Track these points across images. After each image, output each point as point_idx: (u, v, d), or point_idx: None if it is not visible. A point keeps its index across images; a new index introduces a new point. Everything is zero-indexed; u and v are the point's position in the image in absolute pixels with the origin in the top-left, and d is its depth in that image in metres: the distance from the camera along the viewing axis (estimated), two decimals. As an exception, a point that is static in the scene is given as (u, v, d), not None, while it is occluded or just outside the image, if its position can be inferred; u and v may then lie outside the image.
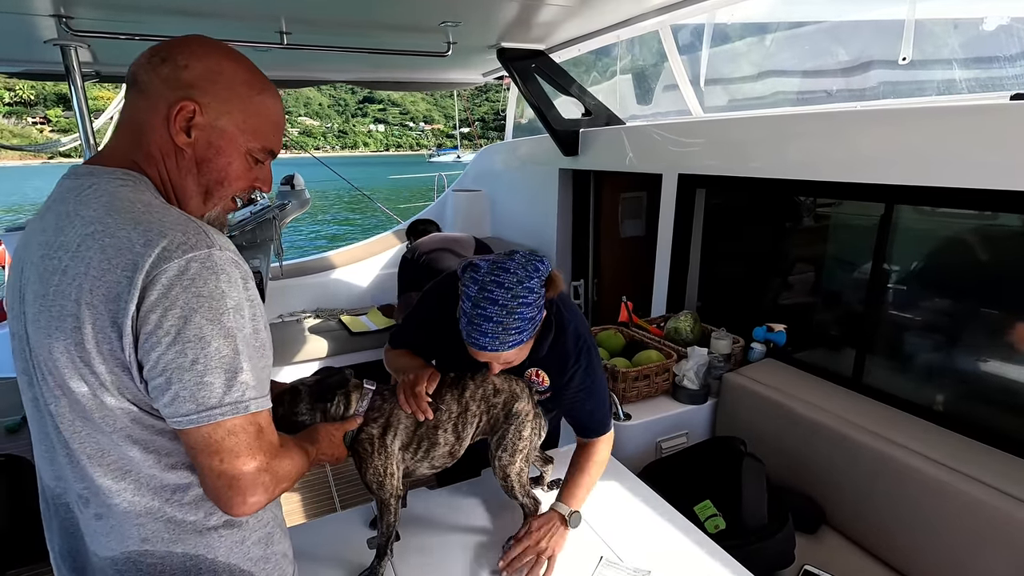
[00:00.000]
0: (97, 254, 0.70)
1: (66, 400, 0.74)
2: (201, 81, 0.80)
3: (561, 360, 1.28)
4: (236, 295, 0.73)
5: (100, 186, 0.77)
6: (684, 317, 2.34)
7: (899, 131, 1.69)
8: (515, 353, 1.15)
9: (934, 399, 1.78)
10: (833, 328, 2.24)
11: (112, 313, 0.69)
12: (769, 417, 1.87)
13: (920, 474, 1.47)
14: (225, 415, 0.72)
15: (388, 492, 1.14)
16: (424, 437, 1.16)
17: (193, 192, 0.85)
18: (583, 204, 3.59)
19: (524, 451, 1.22)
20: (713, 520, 1.50)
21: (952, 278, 1.82)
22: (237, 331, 0.72)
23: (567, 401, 1.34)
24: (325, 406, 1.11)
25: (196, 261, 0.70)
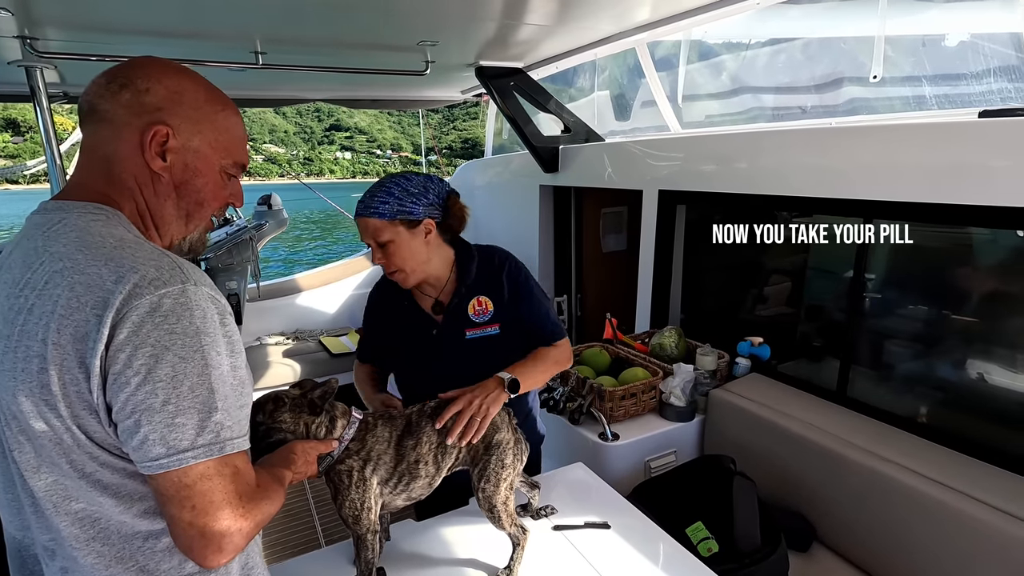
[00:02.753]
0: (65, 291, 0.66)
1: (30, 445, 0.70)
2: (167, 103, 0.78)
3: (494, 280, 1.43)
4: (212, 331, 0.70)
5: (70, 221, 0.73)
6: (668, 333, 2.33)
7: (874, 147, 1.72)
8: (380, 227, 1.28)
9: (919, 412, 1.80)
10: (816, 341, 2.25)
11: (80, 353, 0.65)
12: (757, 433, 1.86)
13: (909, 489, 1.47)
14: (198, 458, 0.67)
15: (364, 527, 1.10)
16: (406, 472, 1.13)
17: (173, 217, 0.83)
18: (564, 220, 3.59)
19: (508, 479, 1.19)
20: (706, 543, 1.48)
21: (930, 289, 1.84)
22: (212, 368, 0.69)
23: (515, 323, 1.43)
24: (309, 420, 1.06)
25: (169, 297, 0.67)
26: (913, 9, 2.03)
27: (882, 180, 1.68)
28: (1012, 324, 1.63)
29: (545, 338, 1.44)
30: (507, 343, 1.44)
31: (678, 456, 2.01)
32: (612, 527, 1.37)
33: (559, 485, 1.54)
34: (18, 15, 1.78)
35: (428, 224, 1.33)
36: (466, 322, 1.42)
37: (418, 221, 1.31)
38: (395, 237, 1.30)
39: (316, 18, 1.97)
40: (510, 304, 1.43)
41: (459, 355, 1.42)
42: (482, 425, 1.17)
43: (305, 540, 2.60)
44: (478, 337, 1.43)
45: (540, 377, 1.38)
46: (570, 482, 1.57)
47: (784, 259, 2.50)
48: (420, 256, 1.34)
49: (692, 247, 2.57)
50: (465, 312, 1.42)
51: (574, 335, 3.74)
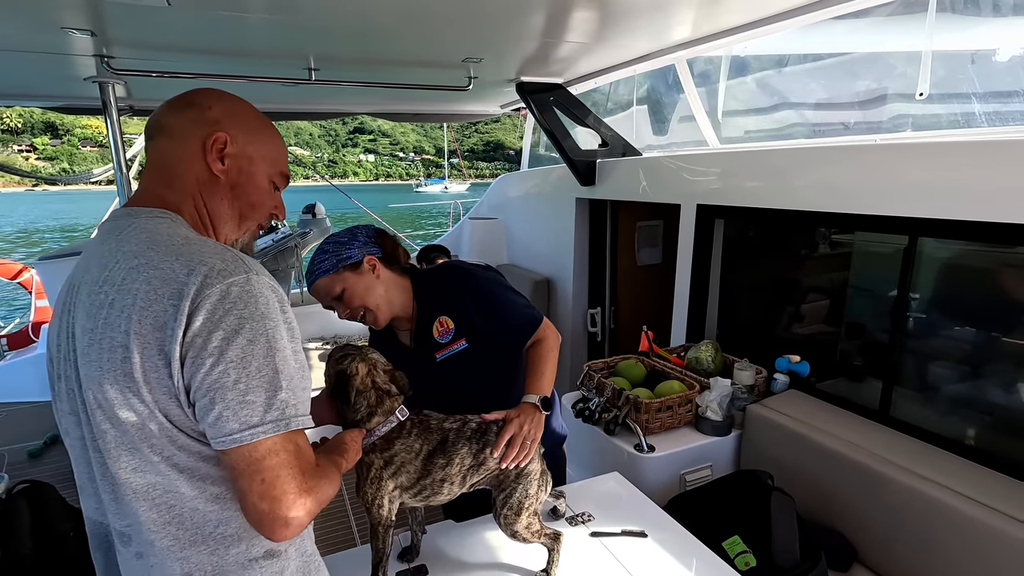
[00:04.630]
0: (143, 285, 0.73)
1: (114, 433, 0.75)
2: (226, 117, 0.89)
3: (450, 297, 1.45)
4: (274, 316, 0.76)
5: (138, 224, 0.81)
6: (705, 347, 2.33)
7: (923, 164, 1.70)
8: (330, 282, 1.36)
9: (966, 433, 1.75)
10: (858, 359, 2.22)
11: (159, 341, 0.72)
12: (795, 450, 1.84)
13: (954, 512, 1.44)
14: (267, 433, 0.73)
15: (375, 519, 1.14)
16: (429, 486, 1.16)
17: (228, 217, 0.92)
18: (600, 233, 3.61)
19: (530, 508, 1.21)
20: (743, 557, 1.48)
21: (979, 307, 1.80)
22: (276, 351, 0.75)
23: (485, 335, 1.43)
24: (364, 402, 1.13)
25: (236, 285, 0.74)
26: (962, 25, 2.01)
27: (930, 198, 1.66)
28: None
29: (526, 330, 1.44)
30: (479, 354, 1.45)
31: (714, 470, 2.00)
32: (649, 536, 1.38)
33: (595, 494, 1.56)
34: (99, 36, 1.93)
35: (370, 260, 1.40)
36: (433, 345, 1.46)
37: (359, 262, 1.38)
38: (344, 284, 1.37)
39: (370, 38, 2.07)
40: (477, 320, 1.44)
41: (434, 377, 1.44)
42: (531, 448, 1.20)
43: (341, 538, 2.67)
44: (447, 357, 1.46)
45: (551, 375, 1.40)
46: (606, 491, 1.59)
47: (824, 276, 2.47)
48: (376, 292, 1.40)
49: (730, 262, 2.57)
50: (431, 335, 1.46)
51: (607, 347, 3.75)
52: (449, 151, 18.59)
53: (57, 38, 1.93)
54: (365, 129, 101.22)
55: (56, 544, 2.33)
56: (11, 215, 39.53)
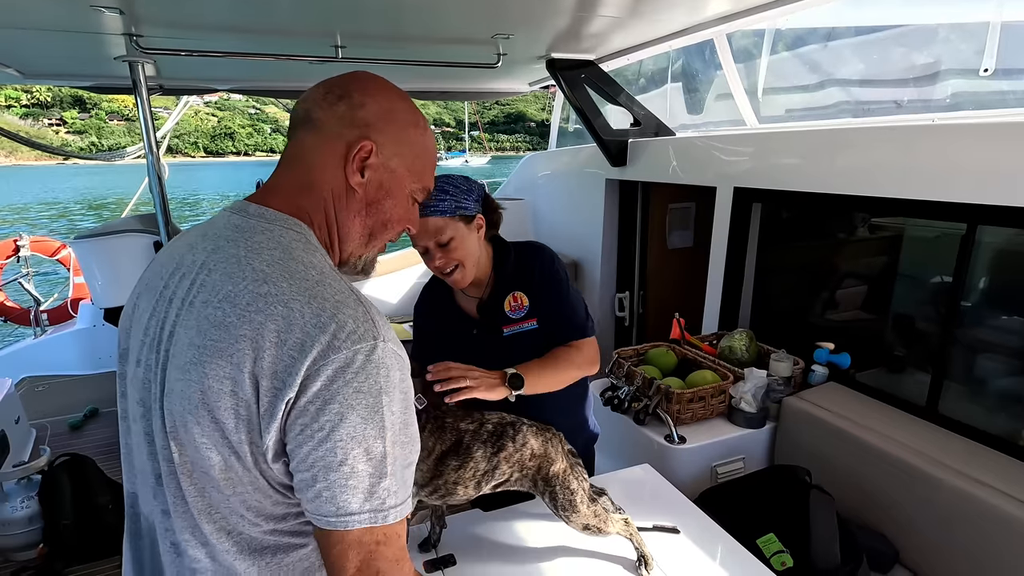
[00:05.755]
0: (269, 322, 0.66)
1: (191, 452, 0.70)
2: (377, 120, 0.79)
3: (529, 275, 1.42)
4: (392, 390, 0.70)
5: (274, 235, 0.74)
6: (739, 336, 2.26)
7: (984, 146, 1.59)
8: (443, 224, 1.29)
9: (1019, 432, 1.66)
10: (904, 351, 2.12)
11: (269, 391, 0.66)
12: (834, 446, 1.77)
13: (1006, 515, 1.37)
14: (362, 523, 0.68)
15: None
16: (441, 487, 1.12)
17: (357, 234, 0.83)
18: (630, 215, 3.52)
19: (583, 498, 1.18)
20: (779, 556, 1.43)
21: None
22: (388, 430, 0.69)
23: (547, 317, 1.41)
24: None
25: (361, 354, 0.67)
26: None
27: (992, 183, 1.55)
28: None
29: (564, 335, 1.40)
30: (548, 338, 1.41)
31: (746, 464, 1.94)
32: (681, 532, 1.35)
33: (625, 485, 1.52)
34: (127, 14, 1.91)
35: (480, 219, 1.36)
36: (503, 319, 1.42)
37: (472, 216, 1.34)
38: (456, 234, 1.31)
39: (397, 13, 2.01)
40: (548, 304, 1.41)
41: (498, 353, 1.37)
42: (461, 391, 1.15)
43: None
44: (515, 333, 1.42)
45: (551, 377, 1.32)
46: (636, 482, 1.55)
47: (867, 262, 2.36)
48: (475, 251, 1.37)
49: (766, 247, 2.47)
50: (501, 309, 1.42)
51: (634, 332, 3.68)
52: (470, 123, 18.30)
53: (86, 16, 1.91)
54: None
55: (96, 515, 2.42)
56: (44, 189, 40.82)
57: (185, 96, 4.17)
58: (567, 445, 1.26)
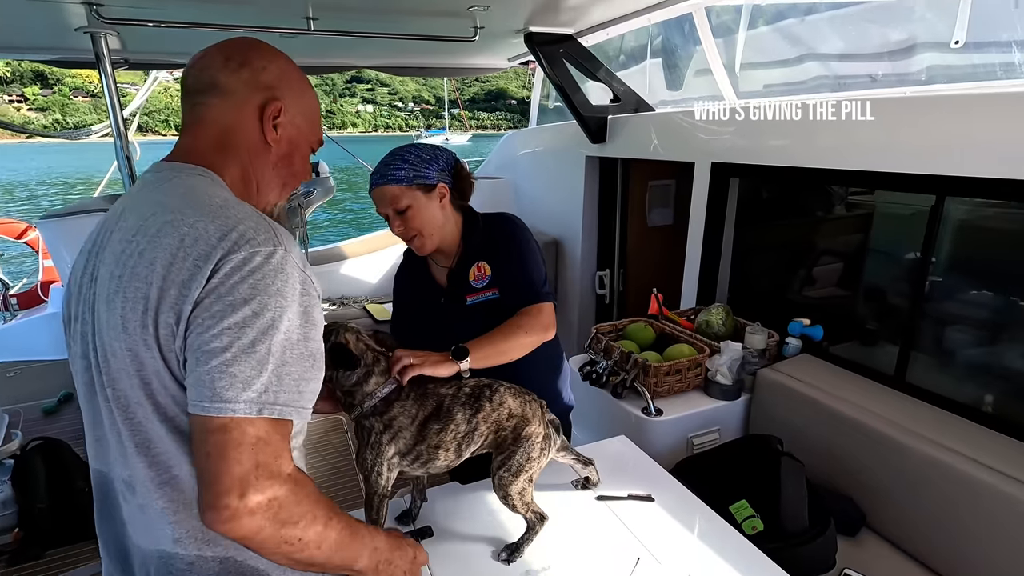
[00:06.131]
0: (175, 241, 0.71)
1: (125, 383, 0.74)
2: (279, 82, 0.88)
3: (495, 245, 1.42)
4: (290, 296, 0.72)
5: (180, 179, 0.81)
6: (716, 310, 2.28)
7: (952, 118, 1.60)
8: (400, 193, 1.32)
9: (984, 400, 1.71)
10: (874, 324, 2.16)
11: (178, 299, 0.70)
12: (806, 415, 1.81)
13: (969, 479, 1.41)
14: (235, 412, 0.68)
15: (372, 487, 1.12)
16: (423, 453, 1.14)
17: (276, 184, 0.92)
18: (610, 192, 3.52)
19: (529, 471, 1.18)
20: (750, 521, 1.47)
21: (1006, 272, 1.73)
22: (278, 332, 0.71)
23: (506, 286, 1.41)
24: (339, 371, 1.10)
25: (260, 256, 0.72)
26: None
27: (960, 154, 1.57)
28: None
29: (519, 303, 1.38)
30: (509, 307, 1.40)
31: (722, 435, 1.98)
32: (656, 500, 1.37)
33: (601, 457, 1.53)
34: (85, -19, 1.83)
35: (442, 189, 1.38)
36: (467, 288, 1.44)
37: (433, 185, 1.36)
38: (413, 202, 1.34)
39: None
40: (507, 271, 1.41)
41: (462, 322, 1.40)
42: (407, 371, 1.14)
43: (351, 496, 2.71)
44: (478, 302, 1.43)
45: (502, 345, 1.29)
46: (612, 454, 1.57)
47: (841, 238, 2.40)
48: (436, 220, 1.39)
49: (744, 223, 2.49)
50: (466, 278, 1.44)
51: (615, 310, 3.71)
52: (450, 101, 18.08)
53: (42, -17, 1.83)
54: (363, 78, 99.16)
55: (71, 499, 2.39)
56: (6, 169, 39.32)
57: (154, 72, 4.04)
58: (550, 415, 1.27)
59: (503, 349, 1.29)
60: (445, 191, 1.39)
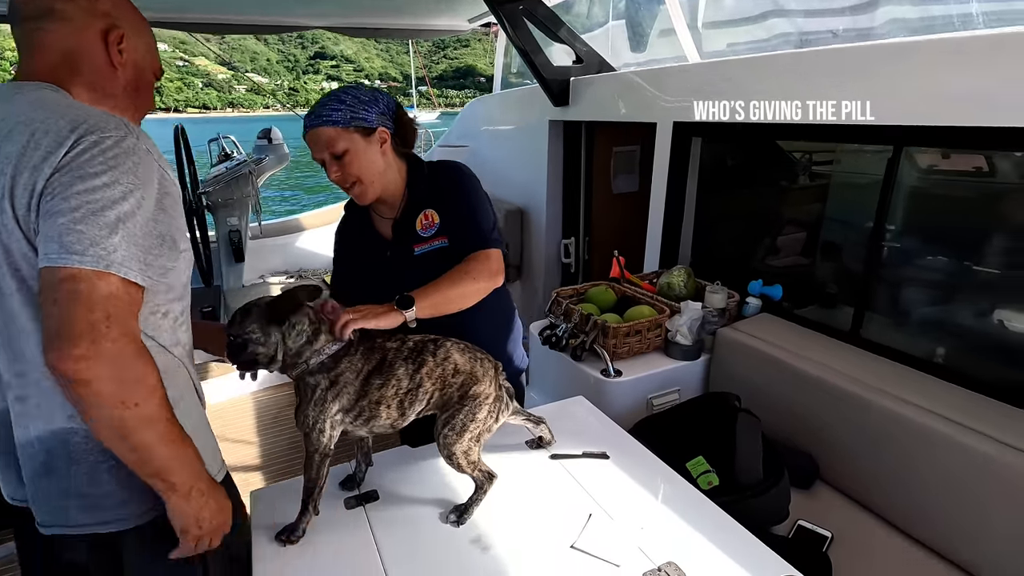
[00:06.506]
0: (26, 135, 0.75)
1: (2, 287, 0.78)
2: (116, 10, 0.91)
3: (440, 191, 1.35)
4: (145, 179, 0.78)
5: (26, 93, 0.82)
6: (677, 272, 2.25)
7: (908, 67, 1.58)
8: (336, 135, 1.22)
9: (935, 352, 1.73)
10: (831, 282, 2.17)
11: (29, 179, 0.73)
12: (765, 372, 1.81)
13: (921, 427, 1.42)
14: (84, 264, 0.71)
15: (313, 446, 1.06)
16: (365, 409, 1.08)
17: (126, 110, 0.94)
18: (574, 159, 3.45)
19: (475, 431, 1.12)
20: (706, 476, 1.45)
21: (954, 232, 1.74)
22: (129, 204, 0.75)
23: (455, 233, 1.33)
24: (279, 330, 1.03)
25: (111, 139, 0.76)
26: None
27: (917, 103, 1.55)
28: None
29: (467, 249, 1.30)
30: (460, 255, 1.32)
31: (681, 395, 1.97)
32: (611, 458, 1.34)
33: (558, 418, 1.50)
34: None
35: (383, 133, 1.29)
36: (414, 238, 1.36)
37: (372, 129, 1.27)
38: (351, 146, 1.25)
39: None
40: (451, 212, 1.34)
41: (411, 274, 1.29)
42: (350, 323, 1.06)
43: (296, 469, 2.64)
44: (425, 252, 1.35)
45: (448, 292, 1.21)
46: (569, 415, 1.53)
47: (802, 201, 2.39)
48: (377, 167, 1.30)
49: (706, 185, 2.45)
50: (413, 228, 1.36)
51: (580, 278, 3.67)
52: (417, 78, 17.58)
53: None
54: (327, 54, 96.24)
55: None
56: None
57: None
58: (503, 378, 1.21)
59: (450, 296, 1.21)
60: (386, 136, 1.30)
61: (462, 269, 1.25)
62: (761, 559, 1.03)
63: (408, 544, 1.09)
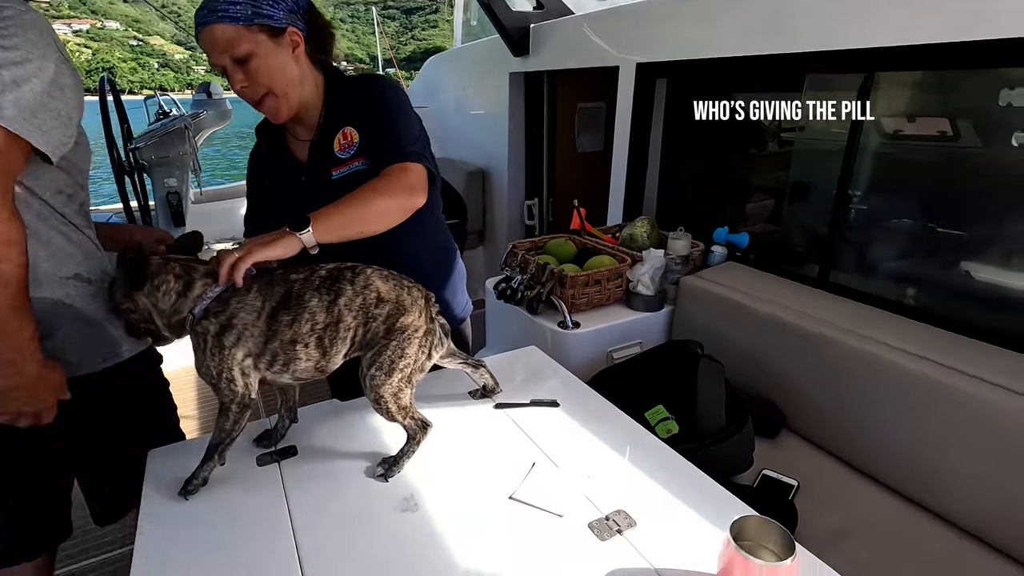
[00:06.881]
0: None
1: None
2: None
3: (361, 106, 1.18)
4: (44, 51, 0.80)
5: None
6: (640, 223, 2.14)
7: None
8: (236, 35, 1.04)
9: (905, 293, 1.65)
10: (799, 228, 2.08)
11: None
12: (730, 320, 1.71)
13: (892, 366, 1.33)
14: None
15: (227, 396, 0.93)
16: (279, 351, 0.93)
17: None
18: (536, 115, 3.29)
19: (405, 370, 0.98)
20: (665, 424, 1.34)
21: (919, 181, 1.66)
22: (25, 69, 0.77)
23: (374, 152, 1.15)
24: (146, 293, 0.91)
25: (10, 9, 0.78)
26: None
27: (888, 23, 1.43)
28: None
29: (388, 155, 1.11)
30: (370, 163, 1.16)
31: (643, 348, 1.86)
32: (561, 406, 1.22)
33: (508, 368, 1.37)
34: None
35: (294, 34, 1.11)
36: (332, 160, 1.18)
37: (281, 29, 1.08)
38: (256, 49, 1.06)
39: None
40: (372, 129, 1.16)
41: (328, 199, 1.07)
42: (236, 265, 0.90)
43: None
44: (344, 175, 1.18)
45: (356, 212, 1.02)
46: (521, 365, 1.41)
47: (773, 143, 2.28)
48: (290, 75, 1.11)
49: (671, 132, 2.33)
50: (331, 148, 1.19)
51: (546, 242, 3.54)
52: (384, 60, 16.96)
53: None
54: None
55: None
56: None
57: None
58: (436, 312, 1.06)
59: (357, 216, 1.03)
60: (298, 38, 1.11)
61: (371, 185, 1.06)
62: (722, 504, 0.93)
63: (325, 500, 0.95)
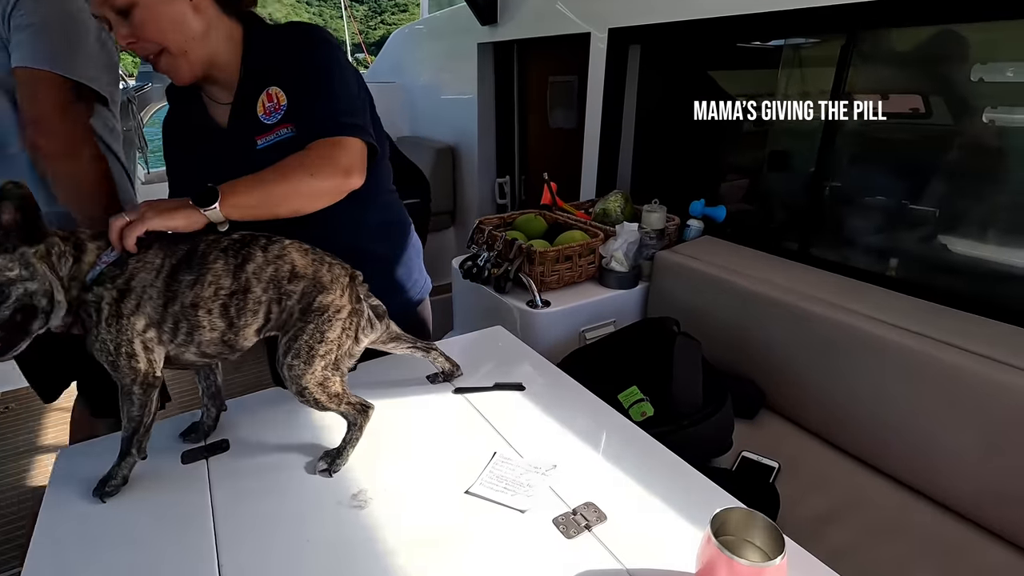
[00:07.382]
0: None
1: None
2: None
3: (287, 63, 1.00)
4: None
5: None
6: (614, 197, 2.04)
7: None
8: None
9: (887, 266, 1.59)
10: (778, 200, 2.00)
11: None
12: (708, 295, 1.63)
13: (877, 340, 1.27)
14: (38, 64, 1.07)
15: (126, 376, 0.79)
16: (181, 316, 0.80)
17: None
18: (507, 88, 3.15)
19: (328, 356, 0.86)
20: (639, 406, 1.26)
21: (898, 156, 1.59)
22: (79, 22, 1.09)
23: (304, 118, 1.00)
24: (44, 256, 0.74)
25: None
26: None
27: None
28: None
29: (318, 128, 0.96)
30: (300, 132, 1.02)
31: (617, 327, 1.77)
32: (528, 389, 1.12)
33: (471, 350, 1.27)
34: None
35: None
36: (257, 127, 1.02)
37: None
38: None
39: None
40: (300, 91, 1.00)
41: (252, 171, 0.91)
42: (127, 230, 0.76)
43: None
44: (271, 144, 1.02)
45: (275, 188, 0.88)
46: (485, 346, 1.30)
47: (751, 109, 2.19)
48: (188, 28, 0.94)
49: (645, 102, 2.22)
50: (254, 112, 1.02)
51: (518, 222, 3.43)
52: (353, 45, 16.53)
53: None
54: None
55: None
56: None
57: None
58: (365, 290, 0.94)
59: (278, 195, 0.88)
60: None
61: (297, 159, 0.91)
62: (700, 492, 0.84)
63: (258, 502, 0.84)
